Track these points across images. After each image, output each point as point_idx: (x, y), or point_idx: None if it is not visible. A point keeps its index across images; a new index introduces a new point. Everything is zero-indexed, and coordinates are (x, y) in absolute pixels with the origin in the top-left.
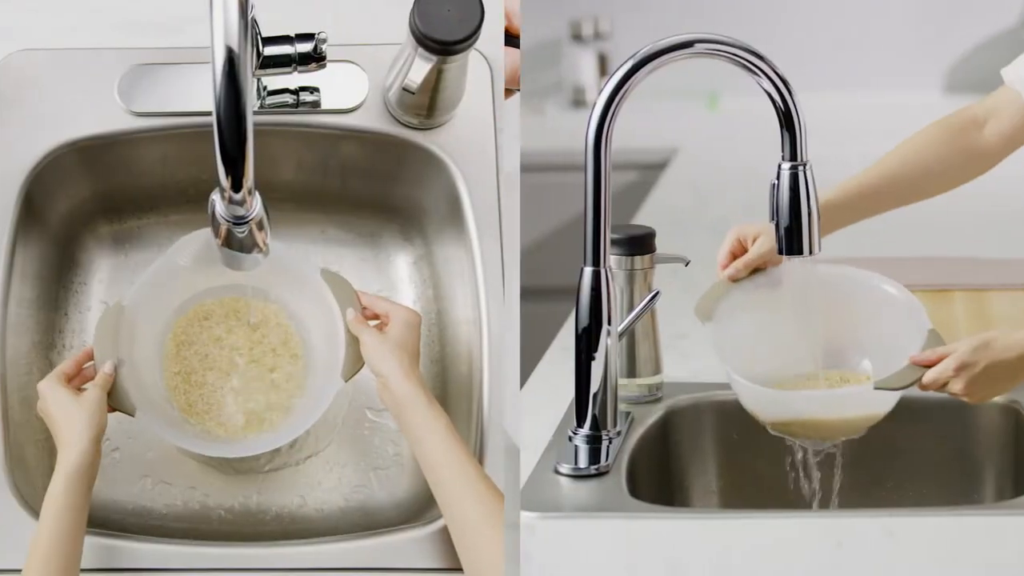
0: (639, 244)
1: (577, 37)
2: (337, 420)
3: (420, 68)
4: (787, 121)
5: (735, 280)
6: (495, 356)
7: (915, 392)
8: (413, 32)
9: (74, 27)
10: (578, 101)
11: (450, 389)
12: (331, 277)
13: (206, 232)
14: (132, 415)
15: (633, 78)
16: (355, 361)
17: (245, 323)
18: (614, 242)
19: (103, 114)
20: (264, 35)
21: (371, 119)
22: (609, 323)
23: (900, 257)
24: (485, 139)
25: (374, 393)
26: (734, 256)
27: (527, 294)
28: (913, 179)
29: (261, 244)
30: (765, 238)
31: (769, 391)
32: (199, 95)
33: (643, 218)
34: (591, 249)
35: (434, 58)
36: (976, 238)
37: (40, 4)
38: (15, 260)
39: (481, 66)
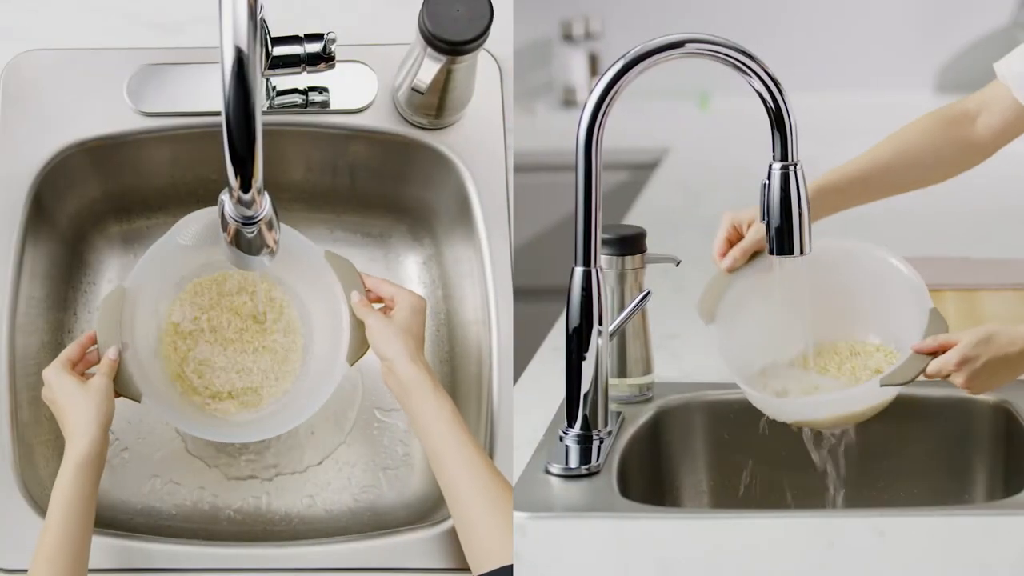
0: (630, 244)
1: (568, 37)
2: (347, 422)
3: (429, 68)
4: (778, 121)
5: (733, 270)
6: (504, 356)
7: (907, 391)
8: (422, 32)
9: (81, 27)
10: (569, 101)
11: (460, 389)
12: (335, 259)
13: (208, 211)
14: (138, 400)
15: (624, 78)
16: (360, 345)
17: (243, 300)
18: (605, 242)
19: (112, 114)
20: (273, 35)
21: (380, 119)
22: (600, 323)
23: None
24: (494, 139)
25: (383, 392)
26: (730, 243)
27: (518, 294)
28: (904, 168)
29: (271, 244)
30: (759, 224)
31: (779, 402)
32: (208, 95)
33: (634, 218)
34: (582, 249)
35: (443, 58)
36: (968, 238)
37: (44, 4)
38: (24, 260)
39: (490, 66)
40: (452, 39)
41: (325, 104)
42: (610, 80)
